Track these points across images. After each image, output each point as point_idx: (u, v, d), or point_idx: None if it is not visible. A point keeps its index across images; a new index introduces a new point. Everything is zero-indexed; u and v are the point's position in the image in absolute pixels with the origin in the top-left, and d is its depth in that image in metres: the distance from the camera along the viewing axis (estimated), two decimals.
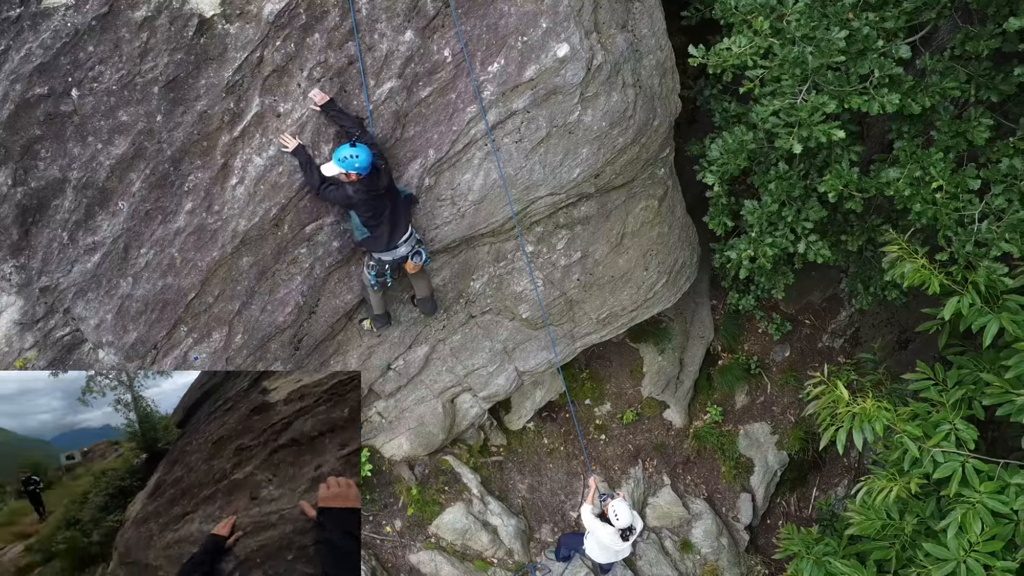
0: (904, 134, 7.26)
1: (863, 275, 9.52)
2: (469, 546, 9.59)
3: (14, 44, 5.75)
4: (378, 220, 6.84)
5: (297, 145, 6.54)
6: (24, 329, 6.54)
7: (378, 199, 6.71)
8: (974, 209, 6.56)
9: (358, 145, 6.43)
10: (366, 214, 6.79)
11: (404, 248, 7.08)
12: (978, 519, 6.16)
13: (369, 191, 6.61)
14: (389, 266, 7.13)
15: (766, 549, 11.83)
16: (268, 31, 6.25)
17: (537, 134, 7.29)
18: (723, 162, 7.58)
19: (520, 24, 6.85)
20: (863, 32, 6.30)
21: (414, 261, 7.14)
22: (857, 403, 6.62)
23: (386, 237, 6.93)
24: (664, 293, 9.55)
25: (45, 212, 6.27)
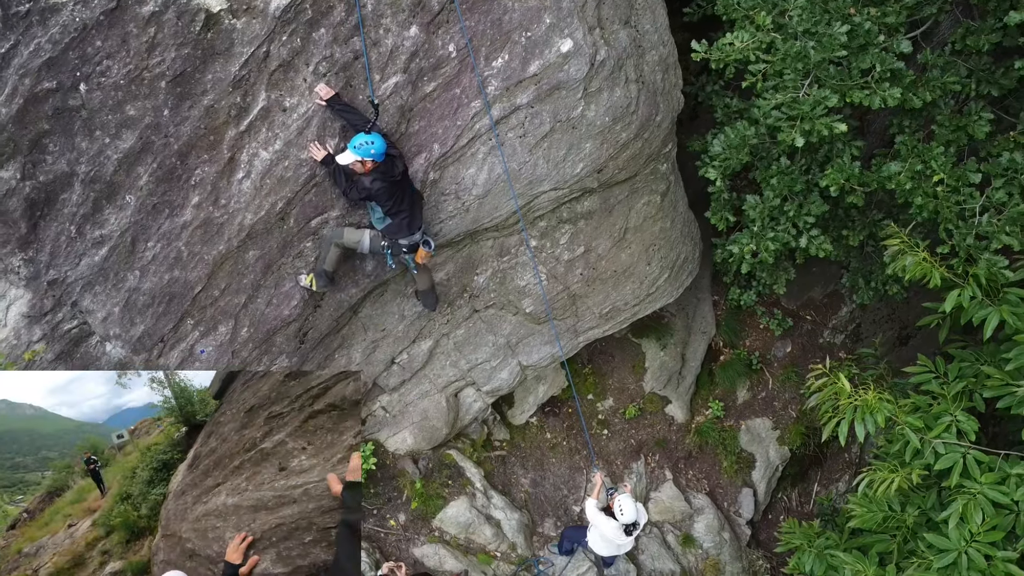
0: (905, 128, 7.32)
1: (864, 270, 9.57)
2: (472, 540, 9.64)
3: (23, 39, 5.80)
4: (398, 207, 6.88)
5: (326, 155, 6.63)
6: (32, 322, 6.58)
7: (395, 186, 6.75)
8: (975, 203, 6.61)
9: (373, 132, 6.48)
10: (387, 203, 6.82)
11: (419, 235, 7.14)
12: (979, 510, 6.20)
13: (386, 178, 6.65)
14: (407, 249, 7.12)
15: (767, 544, 11.88)
16: (274, 26, 6.30)
17: (541, 129, 7.34)
18: (725, 157, 7.63)
19: (524, 19, 6.90)
20: (864, 27, 6.36)
21: (425, 249, 7.18)
22: (859, 395, 6.67)
23: (407, 222, 6.98)
24: (666, 288, 9.60)
25: (53, 206, 6.32)
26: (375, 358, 8.54)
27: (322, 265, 7.16)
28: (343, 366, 8.27)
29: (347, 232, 7.07)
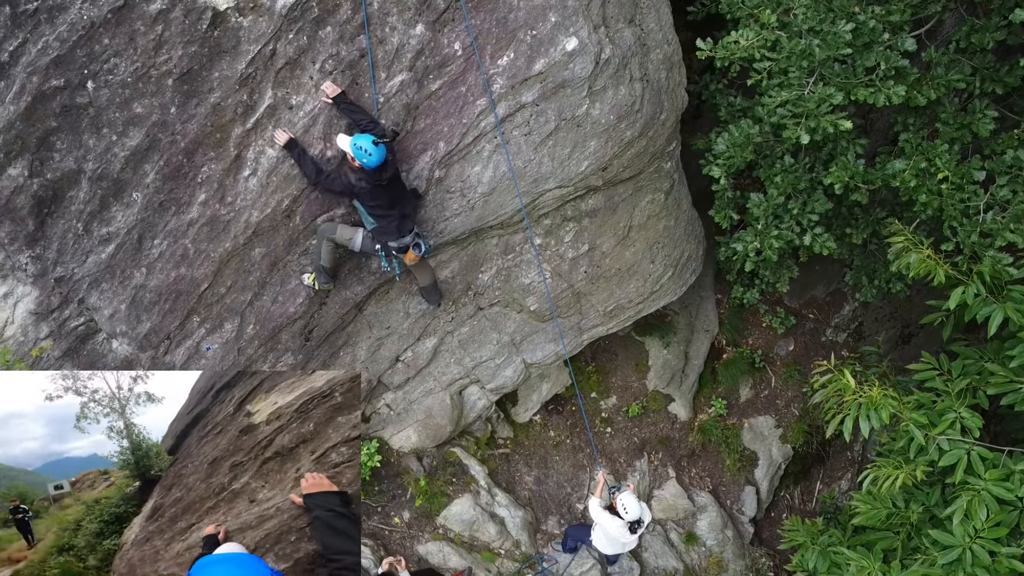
0: (909, 126, 7.34)
1: (868, 268, 9.59)
2: (476, 537, 9.66)
3: (31, 37, 5.83)
4: (384, 210, 6.87)
5: (288, 139, 6.56)
6: (39, 319, 6.61)
7: (379, 189, 6.72)
8: (979, 200, 6.63)
9: (380, 146, 6.45)
10: (370, 203, 6.83)
11: (409, 238, 7.12)
12: (983, 506, 6.22)
13: (371, 180, 6.64)
14: (397, 251, 7.11)
15: (770, 541, 11.90)
16: (281, 24, 6.32)
17: (546, 127, 7.36)
18: (729, 155, 7.65)
19: (529, 18, 6.92)
20: (869, 25, 6.38)
21: (414, 251, 7.15)
22: (863, 391, 6.68)
23: (395, 226, 6.97)
24: (670, 286, 9.62)
25: (60, 203, 6.35)
26: (380, 356, 8.57)
27: (318, 261, 7.16)
28: (348, 364, 8.29)
29: (340, 229, 7.06)
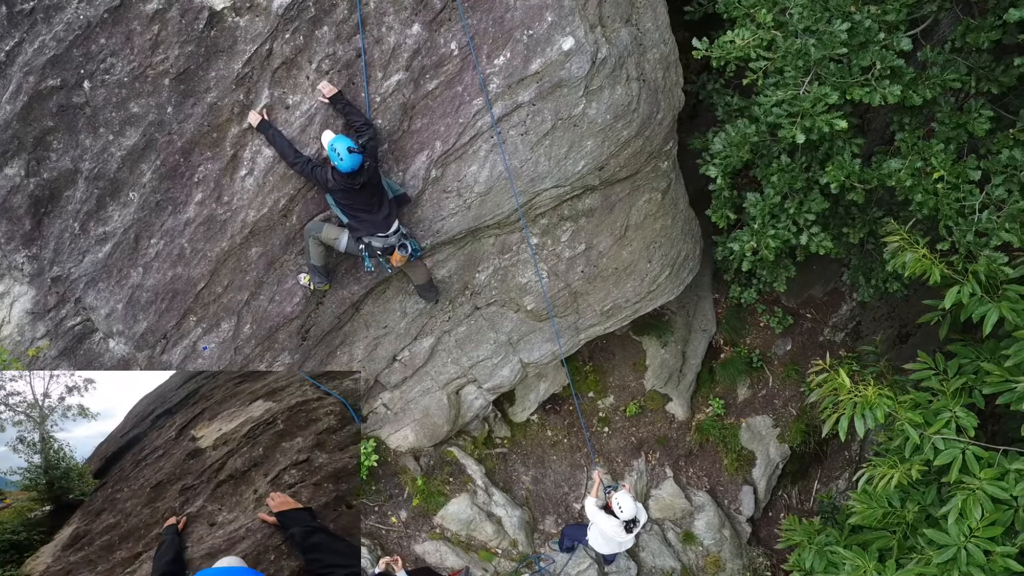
0: (905, 126, 7.33)
1: (865, 267, 9.58)
2: (474, 536, 9.67)
3: (28, 36, 5.84)
4: (355, 211, 6.82)
5: (260, 120, 6.51)
6: (36, 318, 6.62)
7: (353, 192, 6.68)
8: (974, 199, 6.63)
9: (355, 154, 6.40)
10: (343, 201, 6.78)
11: (394, 238, 7.06)
12: (978, 505, 6.22)
13: (344, 183, 6.58)
14: (381, 252, 7.05)
15: (768, 541, 11.91)
16: (277, 24, 6.33)
17: (542, 127, 7.37)
18: (726, 155, 7.65)
19: (526, 18, 6.93)
20: (865, 24, 6.38)
21: (400, 252, 7.09)
22: (858, 391, 6.69)
23: (367, 227, 6.90)
24: (667, 285, 9.63)
25: (57, 203, 6.35)
26: (377, 355, 8.58)
27: (310, 261, 7.16)
28: (345, 363, 8.30)
29: (327, 228, 7.03)
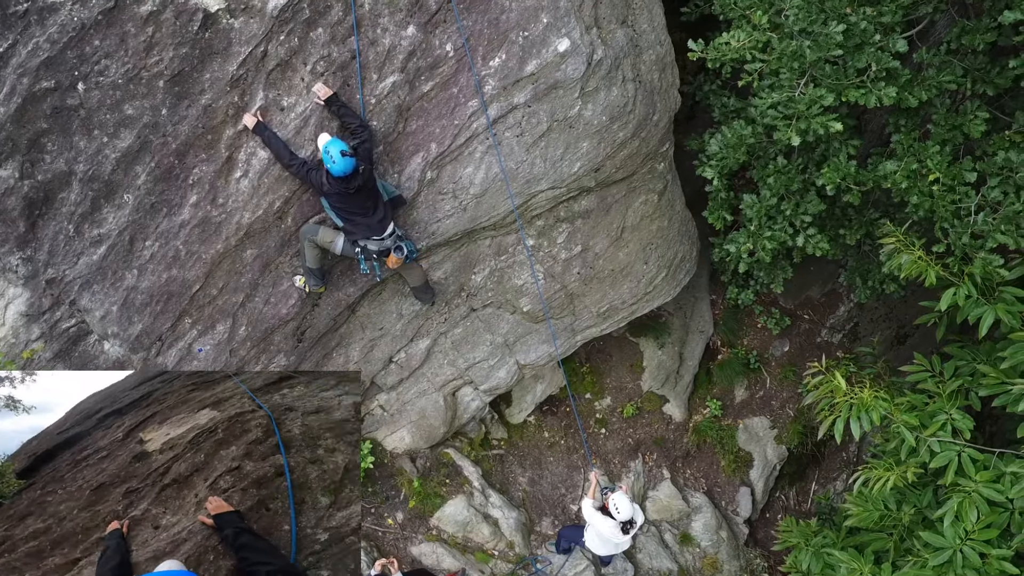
0: (901, 127, 7.32)
1: (861, 269, 9.58)
2: (470, 538, 9.66)
3: (21, 38, 5.83)
4: (350, 214, 6.79)
5: (256, 122, 6.48)
6: (31, 321, 6.61)
7: (348, 196, 6.65)
8: (970, 201, 6.61)
9: (348, 158, 6.37)
10: (337, 205, 6.75)
11: (389, 241, 7.04)
12: (974, 507, 6.22)
13: (337, 186, 6.55)
14: (377, 254, 7.04)
15: (765, 542, 11.90)
16: (272, 25, 6.32)
17: (538, 128, 7.36)
18: (722, 156, 7.64)
19: (521, 19, 6.92)
20: (860, 26, 6.37)
21: (396, 255, 7.07)
22: (854, 393, 6.69)
23: (362, 230, 6.88)
24: (664, 287, 9.62)
25: (51, 205, 6.34)
26: (373, 357, 8.56)
27: (305, 263, 7.14)
28: (341, 365, 8.29)
29: (322, 231, 7.00)
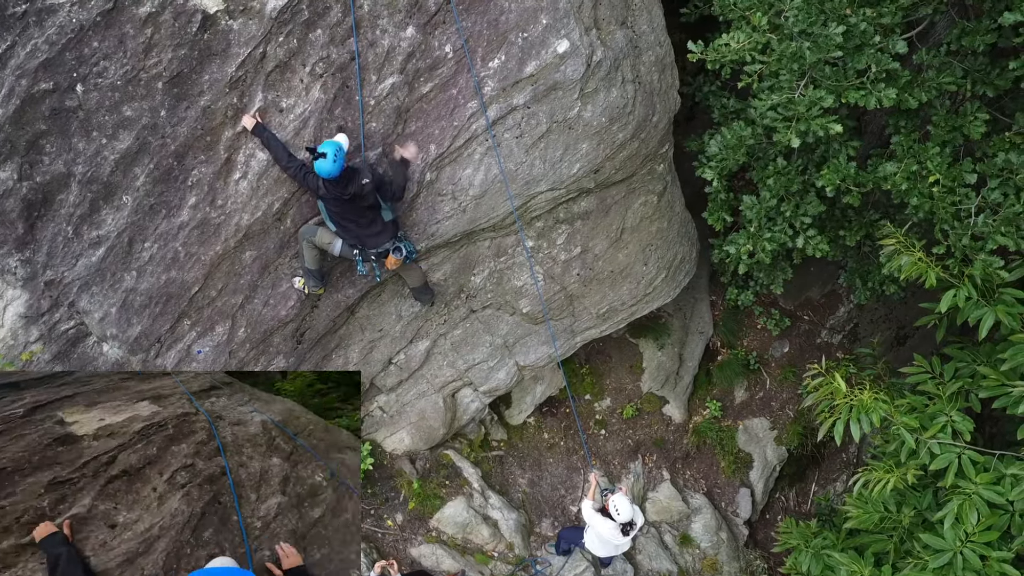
0: (901, 129, 7.31)
1: (861, 270, 9.57)
2: (470, 539, 9.65)
3: (20, 40, 5.82)
4: (344, 220, 6.79)
5: (255, 124, 6.46)
6: (29, 322, 6.60)
7: (343, 202, 6.64)
8: (970, 203, 6.61)
9: (335, 162, 6.32)
10: (332, 209, 6.76)
11: (388, 243, 7.03)
12: (974, 510, 6.22)
13: (332, 191, 6.55)
14: (375, 256, 7.03)
15: (765, 544, 11.89)
16: (271, 27, 6.31)
17: (537, 129, 7.35)
18: (722, 158, 7.63)
19: (520, 20, 6.91)
20: (860, 27, 6.35)
21: (395, 256, 7.04)
22: (854, 395, 6.68)
23: (352, 237, 6.89)
24: (663, 288, 9.61)
25: (50, 206, 6.34)
26: (372, 358, 8.55)
27: (304, 264, 7.12)
28: (340, 366, 8.28)
29: (320, 232, 6.98)
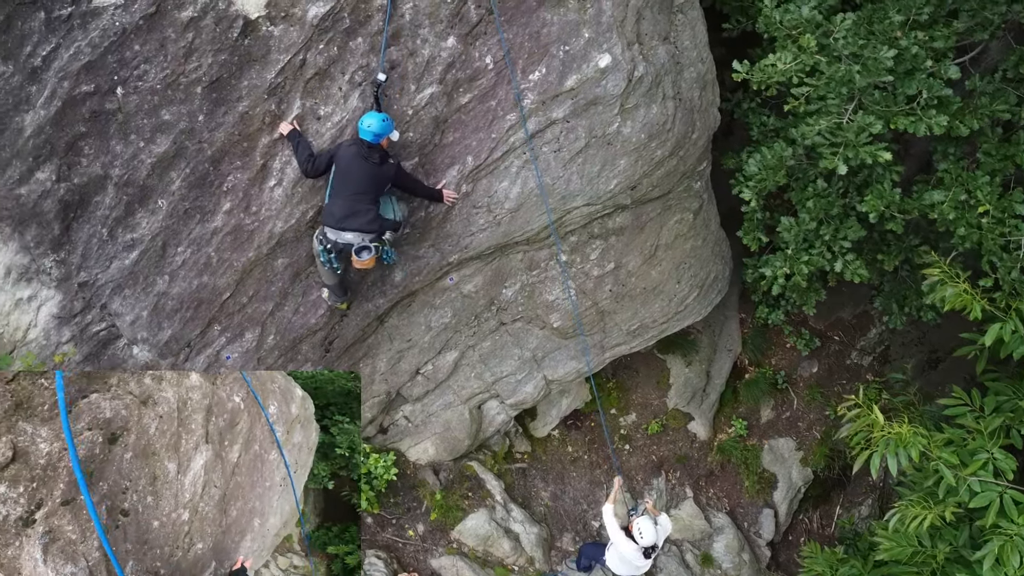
0: (949, 155, 7.15)
1: (898, 294, 9.39)
2: (491, 552, 9.57)
3: (64, 42, 5.82)
4: (338, 191, 6.47)
5: (291, 130, 6.41)
6: (62, 323, 6.60)
7: (349, 170, 6.39)
8: (1020, 235, 6.45)
9: (383, 116, 6.30)
10: (340, 168, 6.44)
11: (351, 236, 6.54)
12: (1016, 552, 6.05)
13: (349, 152, 6.36)
14: (332, 247, 6.60)
15: (787, 566, 11.71)
16: (311, 34, 6.27)
17: (576, 144, 7.25)
18: (761, 178, 7.51)
19: (562, 33, 6.82)
20: (911, 51, 6.22)
21: (359, 256, 6.61)
22: (892, 428, 6.53)
23: (337, 213, 6.49)
24: (695, 306, 9.48)
25: (86, 208, 6.33)
26: (400, 368, 8.49)
27: (321, 279, 7.07)
28: (367, 375, 8.23)
29: (314, 241, 6.77)
